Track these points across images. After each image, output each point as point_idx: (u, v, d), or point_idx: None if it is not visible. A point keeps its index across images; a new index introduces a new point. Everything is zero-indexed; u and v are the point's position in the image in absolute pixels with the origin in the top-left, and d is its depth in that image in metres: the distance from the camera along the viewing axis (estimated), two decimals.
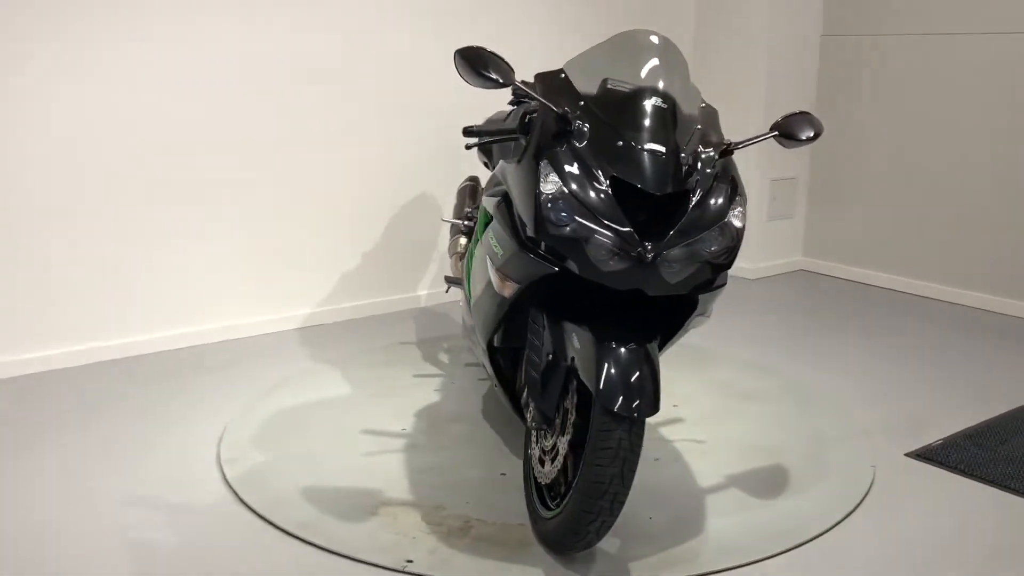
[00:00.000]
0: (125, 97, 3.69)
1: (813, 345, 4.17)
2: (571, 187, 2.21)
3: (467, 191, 3.84)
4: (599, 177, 2.21)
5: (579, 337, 2.27)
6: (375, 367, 3.77)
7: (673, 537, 2.52)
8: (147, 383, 3.57)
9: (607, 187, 2.20)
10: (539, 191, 2.22)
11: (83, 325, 3.75)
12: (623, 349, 2.20)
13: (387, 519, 2.58)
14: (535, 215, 2.22)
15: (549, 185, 2.22)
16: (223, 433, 3.11)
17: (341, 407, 3.36)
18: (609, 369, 2.17)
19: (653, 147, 2.23)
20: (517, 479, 2.80)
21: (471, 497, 2.71)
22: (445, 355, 3.94)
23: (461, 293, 3.32)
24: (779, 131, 2.45)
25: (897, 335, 4.33)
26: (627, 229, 2.16)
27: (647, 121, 2.28)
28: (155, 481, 2.80)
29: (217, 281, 4.06)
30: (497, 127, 2.54)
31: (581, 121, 2.30)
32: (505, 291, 2.42)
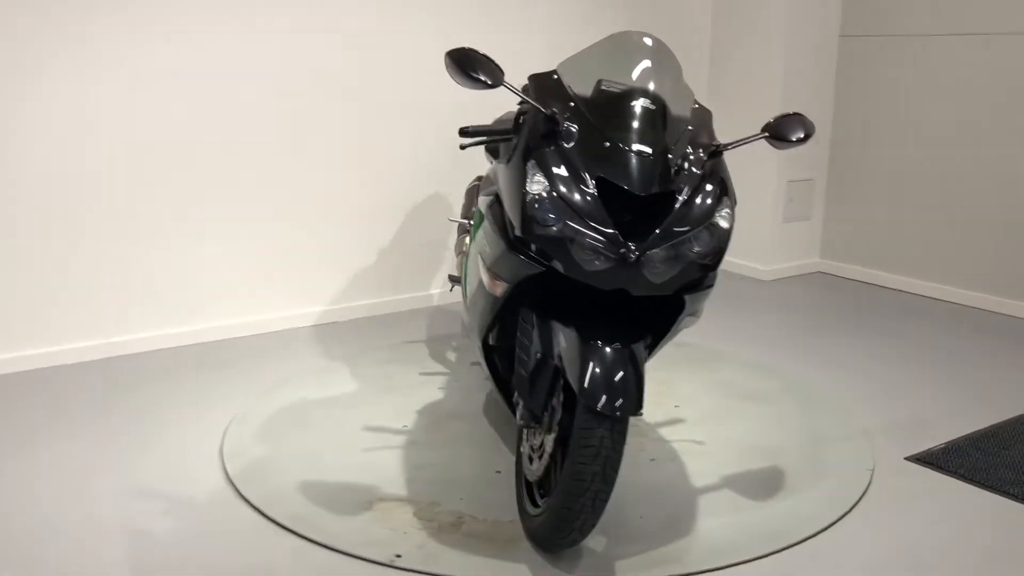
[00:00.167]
0: (137, 96, 3.76)
1: (822, 347, 4.15)
2: (557, 187, 2.23)
3: (475, 191, 3.86)
4: (585, 178, 2.23)
5: (565, 336, 2.29)
6: (382, 365, 3.81)
7: (662, 536, 2.53)
8: (157, 379, 3.64)
9: (593, 187, 2.22)
10: (525, 191, 2.24)
11: (95, 322, 3.83)
12: (608, 349, 2.22)
13: (381, 514, 2.62)
14: (521, 215, 2.25)
15: (535, 185, 2.24)
16: (227, 428, 3.17)
17: (344, 404, 3.40)
18: (594, 368, 2.19)
19: (640, 148, 2.25)
20: (512, 477, 2.82)
21: (465, 494, 2.74)
22: (452, 353, 3.97)
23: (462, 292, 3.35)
24: (770, 132, 2.45)
25: (909, 338, 4.29)
26: (611, 230, 2.18)
27: (635, 122, 2.29)
28: (158, 475, 2.86)
29: (230, 279, 4.13)
30: (492, 127, 2.57)
31: (570, 122, 2.32)
32: (496, 290, 2.45)
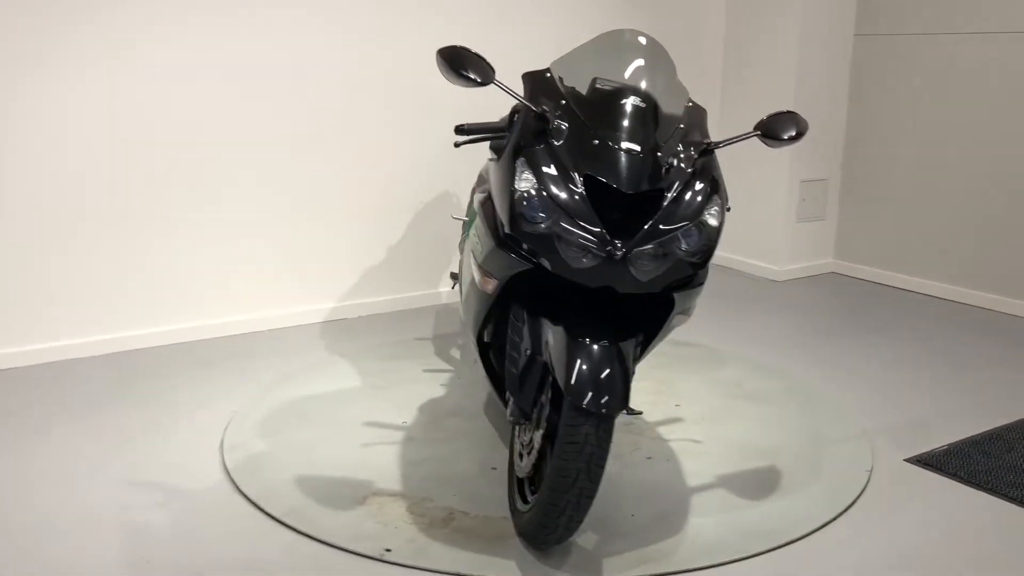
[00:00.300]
0: (144, 93, 3.81)
1: (829, 348, 4.12)
2: (545, 185, 2.24)
3: None
4: (573, 175, 2.24)
5: (554, 333, 2.30)
6: (387, 361, 3.84)
7: (652, 534, 2.53)
8: (164, 374, 3.69)
9: (581, 185, 2.23)
10: (514, 188, 2.26)
11: (104, 317, 3.89)
12: (595, 346, 2.23)
13: (374, 509, 2.64)
14: (509, 212, 2.26)
15: (523, 183, 2.25)
16: (229, 423, 3.21)
17: (347, 399, 3.43)
18: (581, 365, 2.19)
19: (628, 146, 2.25)
20: (506, 474, 2.84)
21: (458, 490, 2.76)
22: (457, 351, 3.99)
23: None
24: (762, 131, 2.44)
25: (920, 340, 4.25)
26: (598, 227, 2.19)
27: (625, 120, 2.30)
28: (158, 466, 2.90)
29: (242, 275, 4.17)
30: (487, 125, 2.59)
31: (560, 120, 2.33)
32: (487, 288, 2.46)
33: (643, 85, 2.41)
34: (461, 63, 2.35)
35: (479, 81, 2.35)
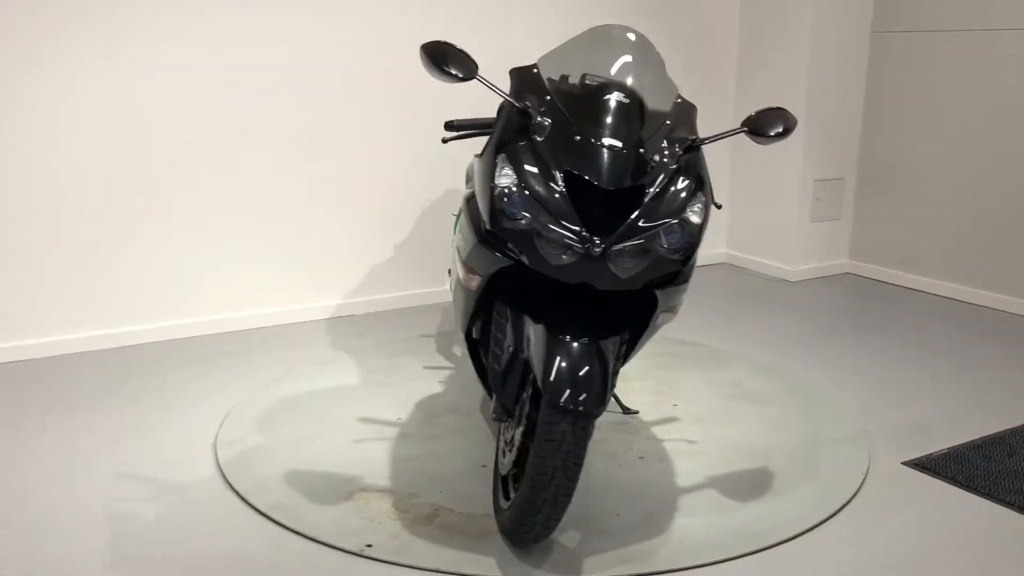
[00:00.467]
0: (151, 92, 3.85)
1: (838, 349, 4.06)
2: (525, 181, 2.23)
3: None
4: (553, 172, 2.22)
5: (534, 330, 2.28)
6: (389, 358, 3.85)
7: (636, 534, 2.51)
8: (163, 369, 3.72)
9: (561, 181, 2.21)
10: (494, 185, 2.25)
11: (112, 312, 3.94)
12: (575, 344, 2.21)
13: (360, 504, 2.64)
14: (490, 208, 2.25)
15: (503, 179, 2.24)
16: (226, 417, 3.23)
17: (344, 395, 3.44)
18: (560, 362, 2.18)
19: (610, 142, 2.24)
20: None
21: (446, 486, 2.75)
22: (459, 348, 3.99)
23: None
24: (749, 127, 2.41)
25: (932, 342, 4.18)
26: (576, 224, 2.17)
27: (608, 116, 2.28)
28: (153, 460, 2.93)
29: (248, 271, 4.20)
30: (476, 122, 2.58)
31: (544, 116, 2.32)
32: (471, 284, 2.45)
33: (629, 81, 2.39)
34: (444, 58, 2.34)
35: (461, 76, 2.34)
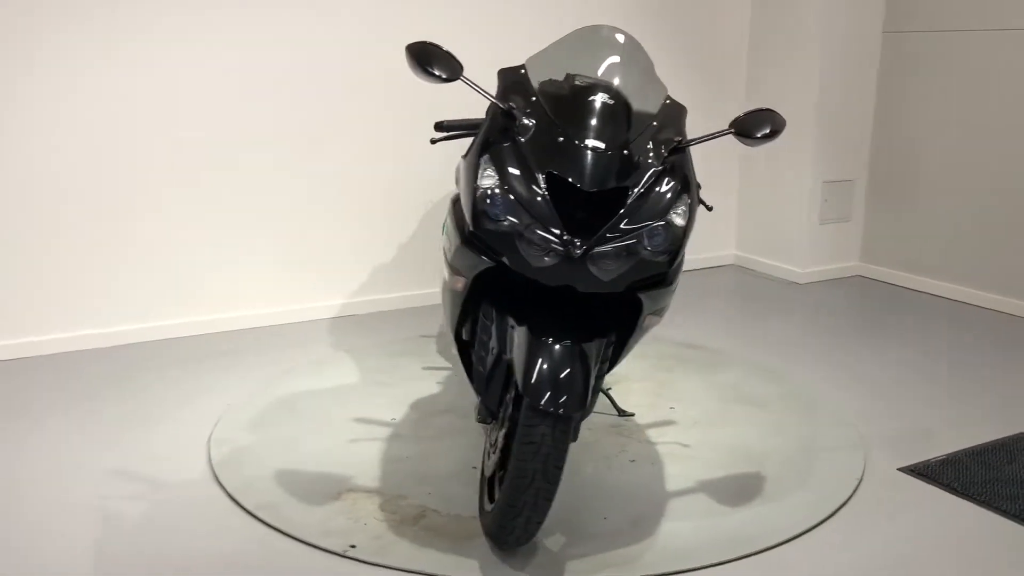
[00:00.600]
0: (157, 92, 3.87)
1: (842, 352, 4.01)
2: (508, 183, 2.22)
3: None
4: (535, 173, 2.21)
5: (517, 332, 2.27)
6: (388, 358, 3.85)
7: (622, 538, 2.49)
8: (162, 367, 3.74)
9: (543, 183, 2.20)
10: (476, 186, 2.24)
11: (120, 309, 3.96)
12: (557, 346, 2.20)
13: (347, 505, 2.64)
14: (472, 210, 2.24)
15: (486, 180, 2.24)
16: (221, 416, 3.24)
17: (340, 395, 3.44)
18: (541, 365, 2.17)
19: (593, 144, 2.22)
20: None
21: (434, 488, 2.74)
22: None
23: None
24: (736, 128, 2.38)
25: (939, 347, 4.12)
26: (557, 226, 2.16)
27: (592, 118, 2.27)
28: (146, 457, 2.94)
29: (251, 271, 4.22)
30: (465, 123, 2.58)
31: (528, 117, 2.31)
32: (456, 285, 2.45)
33: (616, 82, 2.37)
34: (428, 59, 2.34)
35: (445, 77, 2.33)
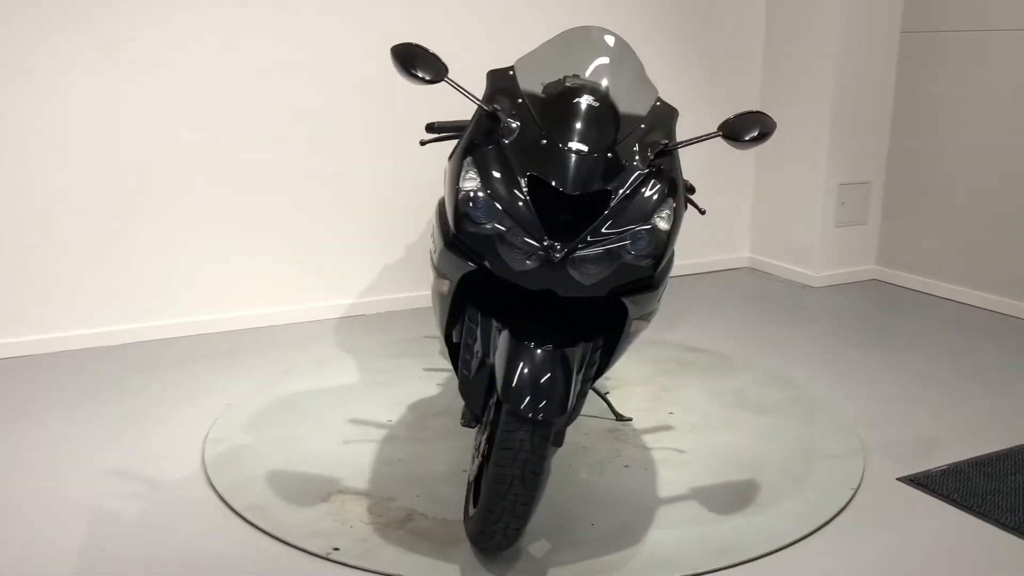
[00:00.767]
0: (160, 90, 3.90)
1: (851, 357, 3.95)
2: (490, 185, 2.20)
3: None
4: (517, 176, 2.19)
5: (500, 336, 2.26)
6: (390, 358, 3.84)
7: (609, 545, 2.46)
8: (167, 366, 3.76)
9: (524, 186, 2.18)
10: (459, 189, 2.22)
11: (120, 308, 4.00)
12: (539, 351, 2.18)
13: (335, 507, 2.64)
14: (454, 213, 2.23)
15: (468, 183, 2.22)
16: (219, 416, 3.25)
17: (338, 396, 3.44)
18: (522, 369, 2.15)
19: (577, 146, 2.20)
20: None
21: (424, 491, 2.73)
22: None
23: None
24: (724, 131, 2.34)
25: (951, 352, 4.04)
26: (537, 229, 2.14)
27: (577, 120, 2.25)
28: (141, 457, 2.96)
29: (251, 271, 4.23)
30: (455, 124, 2.57)
31: (513, 119, 2.29)
32: (442, 288, 2.43)
33: (604, 83, 2.35)
34: (412, 61, 2.32)
35: (429, 79, 2.32)
